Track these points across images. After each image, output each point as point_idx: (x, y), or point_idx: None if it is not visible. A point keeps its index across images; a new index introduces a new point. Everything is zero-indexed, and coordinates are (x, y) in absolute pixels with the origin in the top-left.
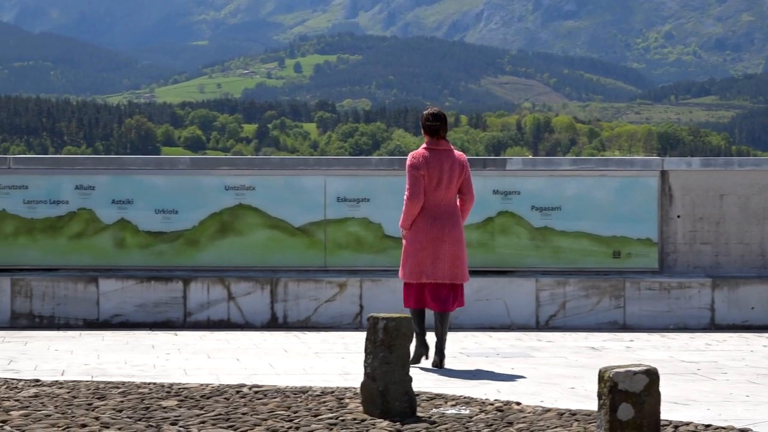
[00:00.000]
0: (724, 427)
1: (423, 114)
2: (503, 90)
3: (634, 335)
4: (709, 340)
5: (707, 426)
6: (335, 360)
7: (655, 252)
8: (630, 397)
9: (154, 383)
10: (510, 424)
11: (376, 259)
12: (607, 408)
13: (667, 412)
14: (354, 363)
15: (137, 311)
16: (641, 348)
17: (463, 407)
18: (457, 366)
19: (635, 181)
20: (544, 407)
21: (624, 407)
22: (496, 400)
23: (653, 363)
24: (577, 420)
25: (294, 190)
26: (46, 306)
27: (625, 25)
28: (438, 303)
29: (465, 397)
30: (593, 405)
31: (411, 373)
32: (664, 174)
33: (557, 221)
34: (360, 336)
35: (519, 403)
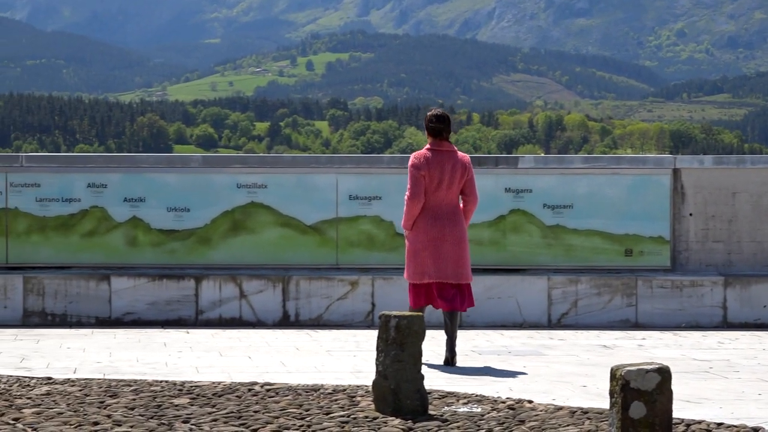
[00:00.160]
0: (736, 426)
1: (426, 115)
2: (515, 88)
3: (646, 333)
4: (722, 338)
5: (719, 424)
6: (347, 358)
7: (668, 250)
8: (642, 396)
9: (166, 381)
10: (522, 422)
11: (388, 257)
12: (619, 406)
13: (679, 410)
14: (366, 361)
15: (149, 309)
16: (653, 346)
17: (475, 405)
18: (469, 364)
19: (647, 179)
20: (556, 405)
21: (636, 405)
22: (508, 398)
23: (665, 361)
24: (589, 418)
25: (306, 188)
26: (58, 304)
27: (638, 23)
28: (445, 302)
29: (477, 395)
30: (605, 403)
31: (423, 372)
32: (676, 172)
33: (569, 219)
34: (372, 334)
35: (531, 402)
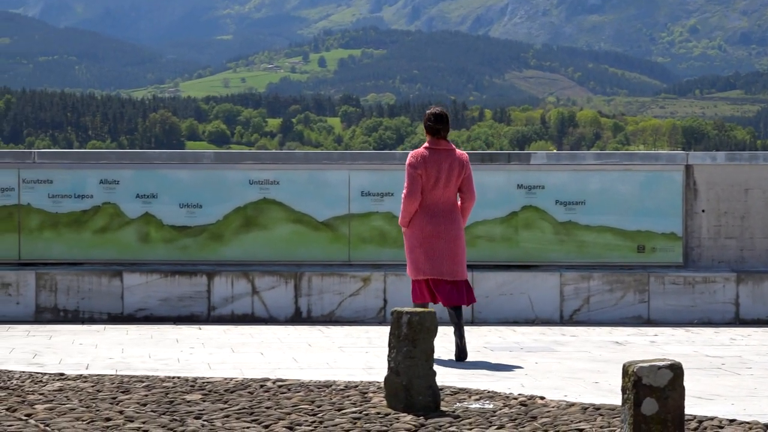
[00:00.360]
0: (748, 422)
1: (426, 113)
2: (527, 84)
3: (658, 330)
4: (734, 334)
5: (732, 421)
6: (359, 354)
7: (680, 246)
8: (654, 392)
9: (178, 377)
10: (534, 418)
11: (399, 254)
12: (631, 402)
13: (692, 406)
14: (378, 357)
15: (161, 305)
16: (665, 342)
17: (487, 401)
18: (481, 360)
19: (660, 176)
20: (567, 402)
21: (648, 402)
22: (519, 394)
23: (677, 358)
24: (601, 414)
25: (318, 184)
26: (70, 300)
27: (650, 19)
28: (444, 298)
29: (489, 392)
30: (617, 399)
31: (435, 368)
32: (688, 168)
33: (581, 215)
34: (384, 330)
35: (543, 398)
